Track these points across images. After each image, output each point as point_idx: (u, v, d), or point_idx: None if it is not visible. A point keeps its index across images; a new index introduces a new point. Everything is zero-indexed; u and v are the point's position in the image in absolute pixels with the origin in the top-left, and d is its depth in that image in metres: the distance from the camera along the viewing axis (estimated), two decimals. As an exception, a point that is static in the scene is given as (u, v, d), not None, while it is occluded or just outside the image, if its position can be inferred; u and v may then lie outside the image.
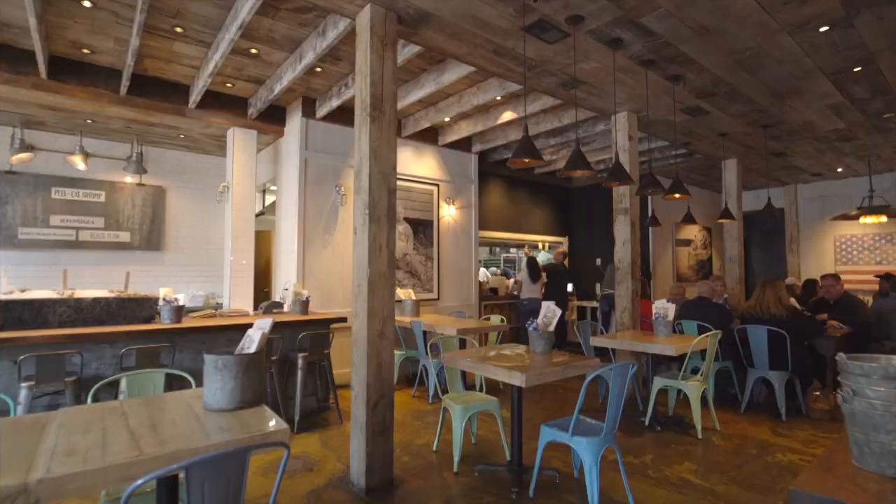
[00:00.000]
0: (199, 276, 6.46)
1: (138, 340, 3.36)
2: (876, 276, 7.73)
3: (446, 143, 6.58)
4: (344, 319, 4.54)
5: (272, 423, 1.64)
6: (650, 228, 8.25)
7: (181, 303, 3.82)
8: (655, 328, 4.23)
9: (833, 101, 4.81)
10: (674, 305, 4.27)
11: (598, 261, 8.90)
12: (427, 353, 3.98)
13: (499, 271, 9.85)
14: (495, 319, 5.68)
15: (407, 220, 6.22)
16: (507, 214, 8.28)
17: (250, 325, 2.14)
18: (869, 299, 7.39)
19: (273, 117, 5.55)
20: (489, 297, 7.50)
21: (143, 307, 3.71)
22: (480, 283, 7.25)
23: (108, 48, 4.16)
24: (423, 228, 6.37)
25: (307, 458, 3.35)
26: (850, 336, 4.76)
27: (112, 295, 3.63)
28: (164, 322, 3.70)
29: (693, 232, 9.42)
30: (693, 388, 3.86)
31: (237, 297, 5.24)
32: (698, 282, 5.20)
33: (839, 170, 8.27)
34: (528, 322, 3.19)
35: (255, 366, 1.83)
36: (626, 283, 4.95)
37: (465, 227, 6.93)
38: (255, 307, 5.30)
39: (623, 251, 4.99)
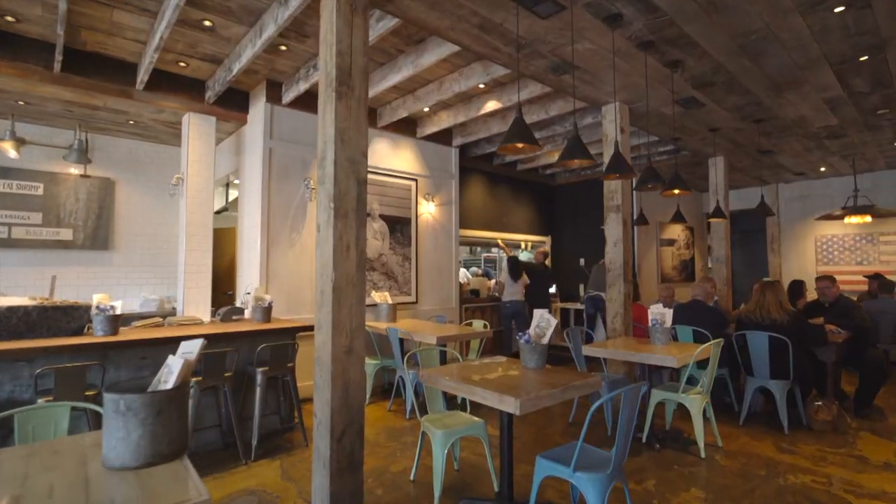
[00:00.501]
0: (154, 278, 5.88)
1: (60, 357, 2.85)
2: (865, 277, 7.65)
3: (425, 136, 6.15)
4: (312, 328, 4.07)
5: (192, 487, 1.20)
6: (635, 228, 7.99)
7: (118, 311, 3.30)
8: (652, 335, 3.89)
9: (831, 94, 4.57)
10: (670, 311, 3.95)
11: (582, 261, 8.61)
12: (404, 364, 3.57)
13: (480, 271, 9.47)
14: (478, 325, 5.29)
15: (383, 217, 5.77)
16: (489, 212, 7.91)
17: (206, 338, 1.69)
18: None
19: (235, 103, 5.04)
20: (470, 300, 7.12)
21: (71, 317, 3.18)
22: (461, 285, 6.86)
23: (35, 15, 3.60)
24: (400, 226, 5.94)
25: (263, 493, 2.89)
26: (847, 340, 4.53)
27: (33, 303, 3.10)
28: (97, 334, 3.19)
29: (677, 231, 9.23)
30: (694, 403, 3.54)
31: (192, 303, 4.72)
32: (693, 284, 4.91)
33: (822, 169, 8.15)
34: (520, 334, 2.80)
35: (175, 406, 1.38)
36: (619, 285, 4.62)
37: (446, 225, 6.52)
38: (214, 314, 4.79)
39: (615, 251, 4.66)
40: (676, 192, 4.04)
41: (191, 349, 1.57)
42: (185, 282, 4.71)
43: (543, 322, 2.84)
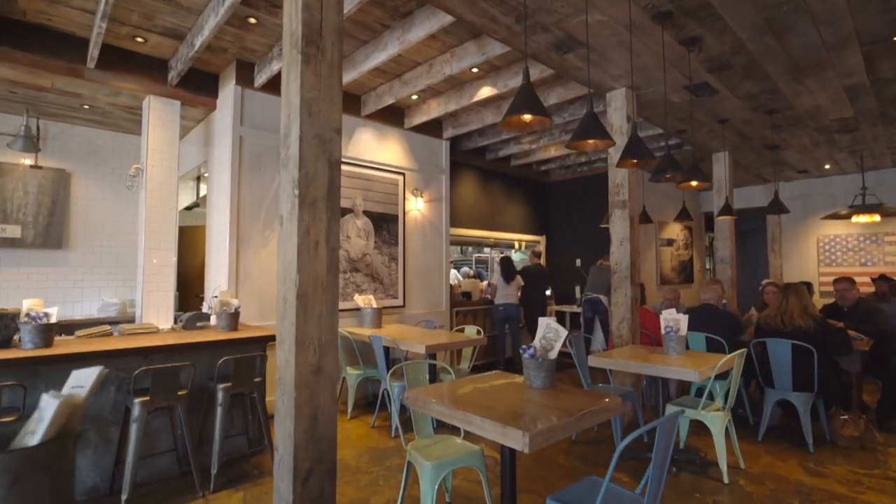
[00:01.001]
0: (115, 280, 5.37)
1: (-30, 377, 2.36)
2: (872, 280, 7.37)
3: (414, 126, 5.71)
4: (283, 336, 3.61)
5: None
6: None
7: (53, 318, 2.82)
8: (666, 344, 3.49)
9: (854, 80, 4.21)
10: (685, 317, 3.56)
11: (578, 261, 8.23)
12: (389, 377, 3.13)
13: (472, 272, 9.04)
14: (470, 331, 4.86)
15: (367, 213, 5.32)
16: (481, 210, 7.49)
17: (158, 350, 1.24)
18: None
19: (202, 86, 4.55)
20: (462, 303, 6.68)
21: (-8, 326, 2.69)
22: (452, 287, 6.42)
23: (-42, -23, 3.11)
24: (386, 224, 5.49)
25: (217, 537, 2.44)
26: (870, 348, 4.18)
27: (-57, 310, 2.61)
28: (25, 347, 2.70)
29: (675, 231, 8.89)
30: (716, 422, 3.14)
31: (152, 308, 4.23)
32: (703, 286, 4.53)
33: (826, 167, 7.86)
34: (523, 348, 2.37)
35: (44, 470, 0.93)
36: (625, 288, 4.22)
37: (435, 222, 6.09)
38: (177, 319, 4.30)
39: (621, 251, 4.26)
40: (694, 184, 3.65)
41: (83, 382, 1.12)
42: (145, 284, 4.22)
43: (550, 332, 2.41)
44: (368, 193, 5.33)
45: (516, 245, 8.07)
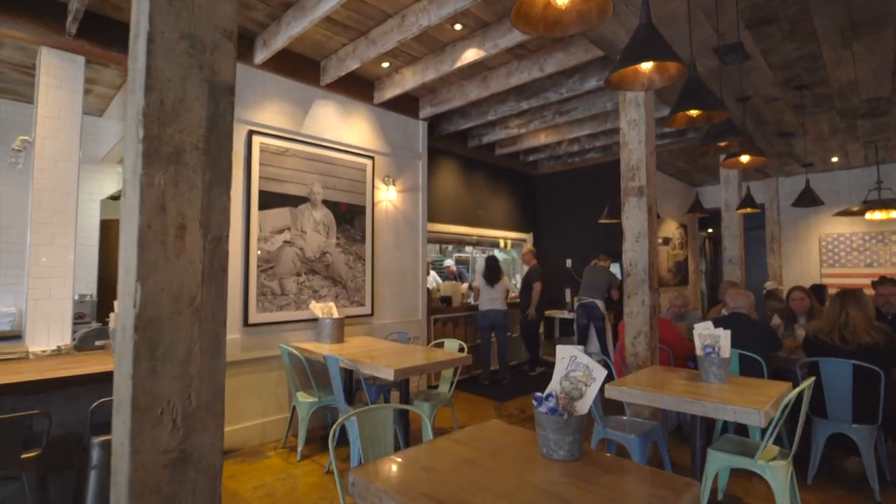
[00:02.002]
0: (14, 283, 4.35)
1: None
2: (873, 283, 6.81)
3: (385, 102, 4.84)
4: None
5: None
6: (631, 223, 6.89)
7: None
8: (705, 369, 2.71)
9: (909, 47, 3.53)
10: (728, 333, 2.78)
11: (569, 262, 7.47)
12: (348, 406, 2.28)
13: (453, 267, 8.19)
14: (451, 346, 4.02)
15: (328, 204, 4.43)
16: (463, 204, 6.66)
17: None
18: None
19: (113, 38, 3.59)
20: (441, 310, 5.84)
21: None
22: (429, 291, 5.57)
23: None
24: (350, 217, 4.60)
25: None
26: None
27: None
28: None
29: (671, 229, 8.21)
30: (780, 475, 2.36)
31: (41, 320, 3.26)
32: (730, 292, 3.79)
33: (834, 160, 7.28)
34: (537, 397, 1.55)
35: None
36: (642, 294, 3.44)
37: (410, 216, 5.22)
38: (75, 336, 3.34)
39: (636, 249, 3.48)
40: (745, 159, 2.89)
41: None
42: (31, 290, 3.25)
43: (577, 370, 1.59)
44: (329, 180, 4.44)
45: (501, 243, 7.27)
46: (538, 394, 1.54)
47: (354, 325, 4.56)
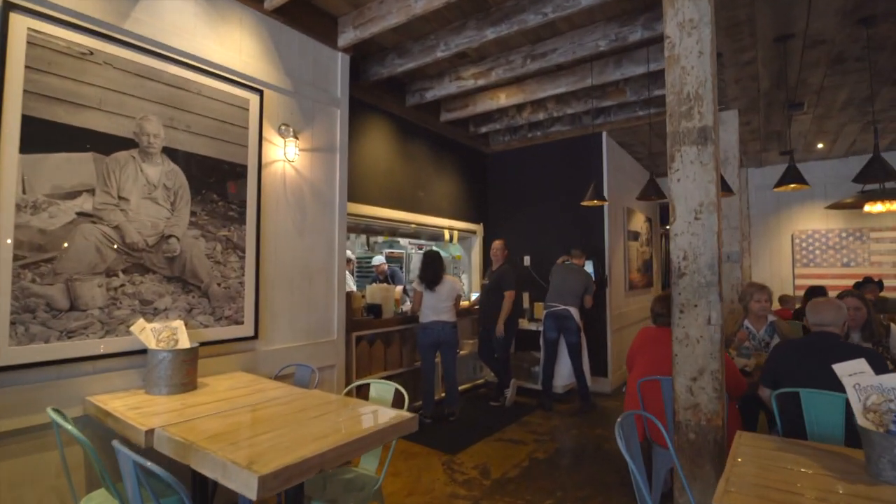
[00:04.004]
0: None
1: None
2: (856, 286, 6.05)
3: (283, 8, 3.14)
4: None
5: None
6: (606, 211, 5.63)
7: None
8: (877, 460, 1.32)
9: None
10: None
11: (528, 259, 6.09)
12: None
13: (384, 265, 6.54)
14: (382, 391, 2.43)
15: (175, 155, 2.67)
16: (398, 181, 5.06)
17: None
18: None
19: None
20: (366, 324, 4.19)
21: None
22: (350, 298, 3.92)
23: None
24: (219, 181, 2.86)
25: None
26: None
27: None
28: None
29: (640, 222, 7.10)
30: None
31: None
32: (813, 303, 2.48)
33: (819, 146, 6.47)
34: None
35: None
36: (706, 306, 2.03)
37: (322, 189, 3.55)
38: None
39: (696, 232, 2.07)
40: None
41: None
42: None
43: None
44: (180, 117, 2.68)
45: (446, 235, 5.75)
46: None
47: (225, 355, 2.83)
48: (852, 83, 4.20)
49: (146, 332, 2.42)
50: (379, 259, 6.61)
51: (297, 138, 3.28)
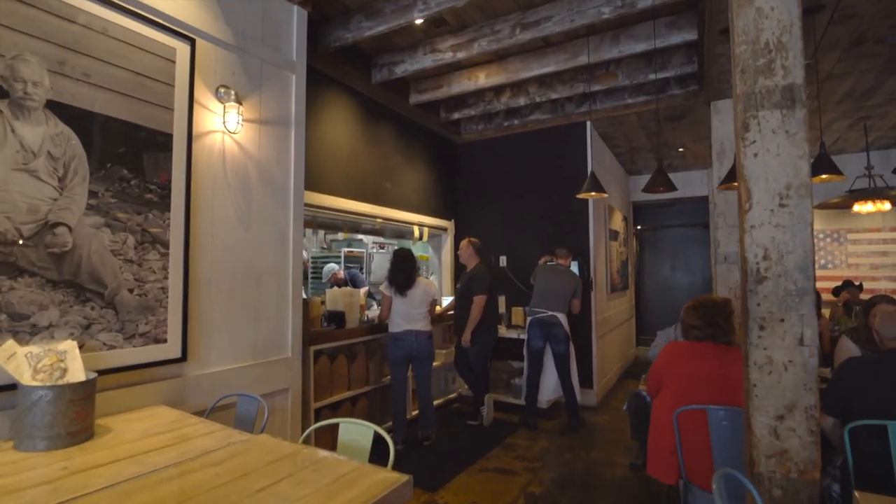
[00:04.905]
0: None
1: None
2: (835, 291, 5.92)
3: (218, -67, 2.45)
4: None
5: None
6: (591, 208, 5.19)
7: None
8: None
9: None
10: None
11: (504, 260, 5.57)
12: None
13: (340, 272, 5.84)
14: (357, 437, 1.79)
15: (65, 113, 1.93)
16: (362, 169, 4.41)
17: None
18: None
19: None
20: (326, 336, 3.51)
21: None
22: (306, 305, 3.24)
23: None
24: (132, 153, 2.14)
25: None
26: None
27: None
28: None
29: (618, 221, 6.74)
30: None
31: None
32: (881, 308, 2.05)
33: (798, 144, 6.30)
34: None
35: None
36: (796, 320, 1.53)
37: (272, 170, 2.86)
38: None
39: (779, 223, 1.57)
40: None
41: None
42: None
43: None
44: (75, 61, 1.95)
45: (416, 232, 5.13)
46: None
47: (140, 384, 2.11)
48: (859, 71, 3.92)
49: (16, 361, 1.69)
50: (332, 268, 5.82)
51: (240, 104, 2.58)
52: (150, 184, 2.19)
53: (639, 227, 8.91)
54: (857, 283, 5.81)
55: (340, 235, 6.30)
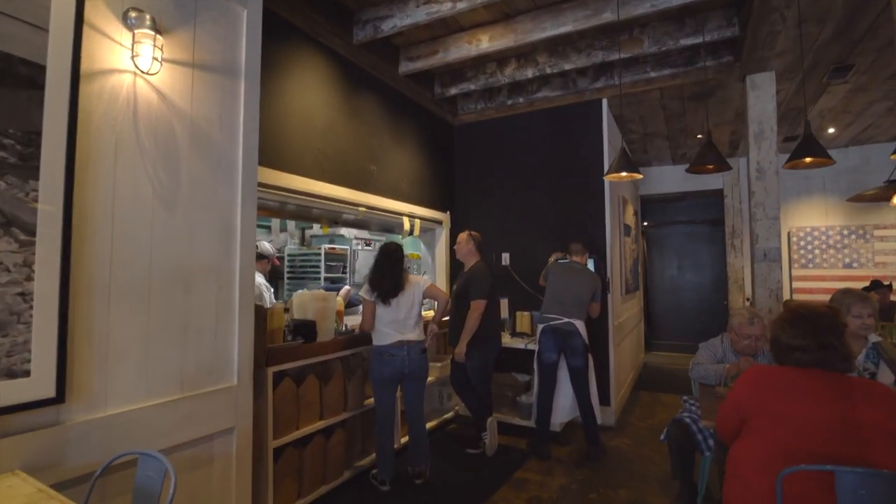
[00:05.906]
0: None
1: None
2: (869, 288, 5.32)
3: None
4: None
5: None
6: (607, 199, 4.50)
7: None
8: None
9: None
10: None
11: (506, 257, 4.86)
12: None
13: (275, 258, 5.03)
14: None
15: None
16: (341, 148, 3.66)
17: None
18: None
19: None
20: (291, 352, 2.75)
21: None
22: (261, 313, 2.50)
23: None
24: (-31, 86, 1.39)
25: None
26: None
27: None
28: None
29: (630, 215, 6.07)
30: None
31: None
32: None
33: (830, 130, 5.70)
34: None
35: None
36: None
37: (211, 133, 2.11)
38: None
39: None
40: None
41: None
42: None
43: None
44: None
45: (406, 224, 4.39)
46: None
47: (-24, 444, 1.36)
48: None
49: None
50: (264, 249, 5.01)
51: (159, 35, 1.84)
52: (5, 137, 1.45)
53: (645, 224, 8.27)
54: (886, 283, 5.18)
55: (319, 230, 5.55)
